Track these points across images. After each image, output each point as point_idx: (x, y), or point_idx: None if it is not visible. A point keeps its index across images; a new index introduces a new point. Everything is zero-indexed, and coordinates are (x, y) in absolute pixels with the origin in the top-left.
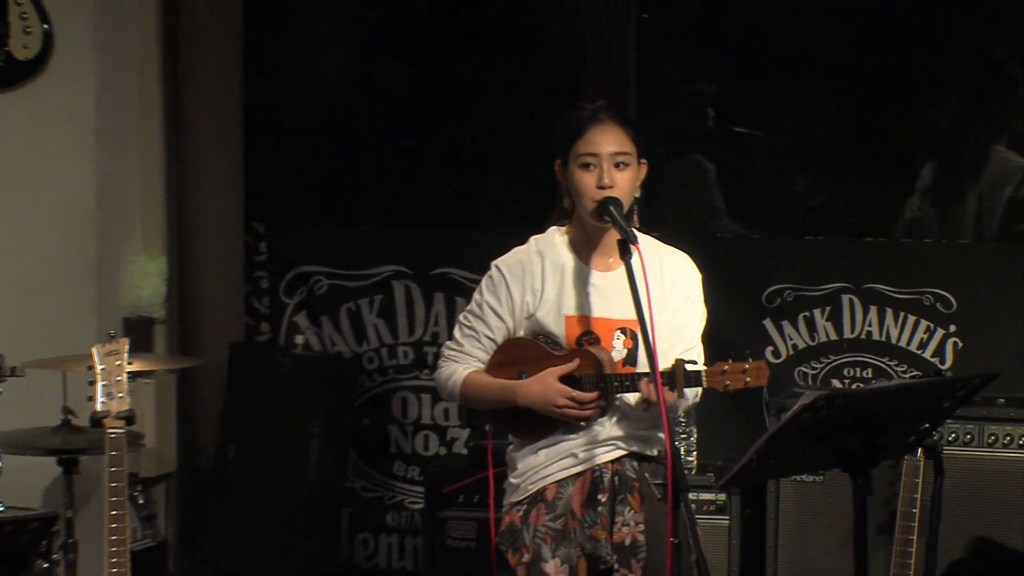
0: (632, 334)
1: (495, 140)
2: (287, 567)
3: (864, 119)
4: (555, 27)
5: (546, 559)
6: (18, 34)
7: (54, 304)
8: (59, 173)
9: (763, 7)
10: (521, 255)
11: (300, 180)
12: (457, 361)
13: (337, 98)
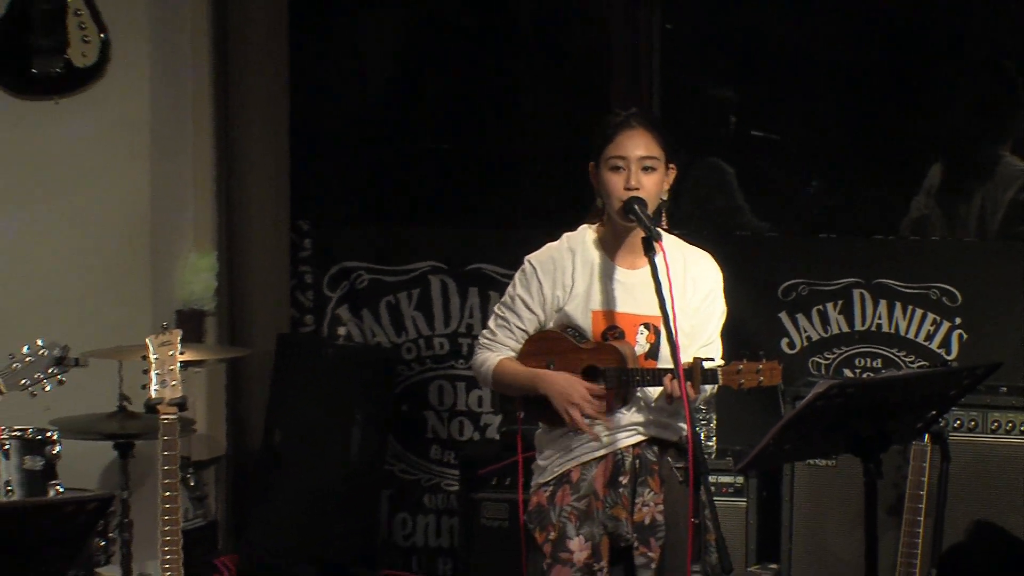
0: (655, 329)
1: (527, 143)
2: (330, 545)
3: (874, 123)
4: (583, 37)
5: (571, 537)
6: (77, 43)
7: (111, 297)
8: (116, 175)
9: (779, 18)
10: (553, 251)
11: (343, 180)
12: (491, 349)
13: (378, 103)
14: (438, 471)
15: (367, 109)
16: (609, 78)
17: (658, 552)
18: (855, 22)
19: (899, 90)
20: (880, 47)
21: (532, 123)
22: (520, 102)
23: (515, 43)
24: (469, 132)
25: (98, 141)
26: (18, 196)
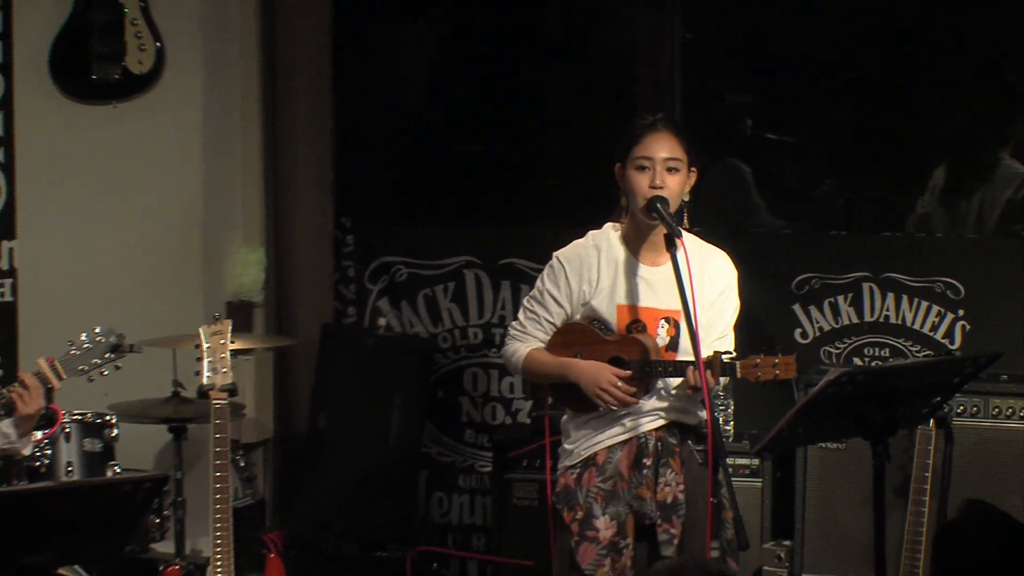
0: (674, 323)
1: (555, 146)
2: (370, 522)
3: (882, 127)
4: (610, 46)
5: (597, 516)
6: (134, 51)
7: (166, 290)
8: (170, 174)
9: (793, 27)
10: (579, 248)
11: (383, 180)
12: (520, 340)
13: (416, 107)
14: (472, 453)
15: (406, 113)
16: (633, 84)
17: (679, 529)
18: (865, 31)
19: (906, 95)
20: (888, 55)
21: (560, 127)
22: (549, 107)
23: (545, 51)
24: (501, 135)
25: (153, 143)
26: (78, 194)
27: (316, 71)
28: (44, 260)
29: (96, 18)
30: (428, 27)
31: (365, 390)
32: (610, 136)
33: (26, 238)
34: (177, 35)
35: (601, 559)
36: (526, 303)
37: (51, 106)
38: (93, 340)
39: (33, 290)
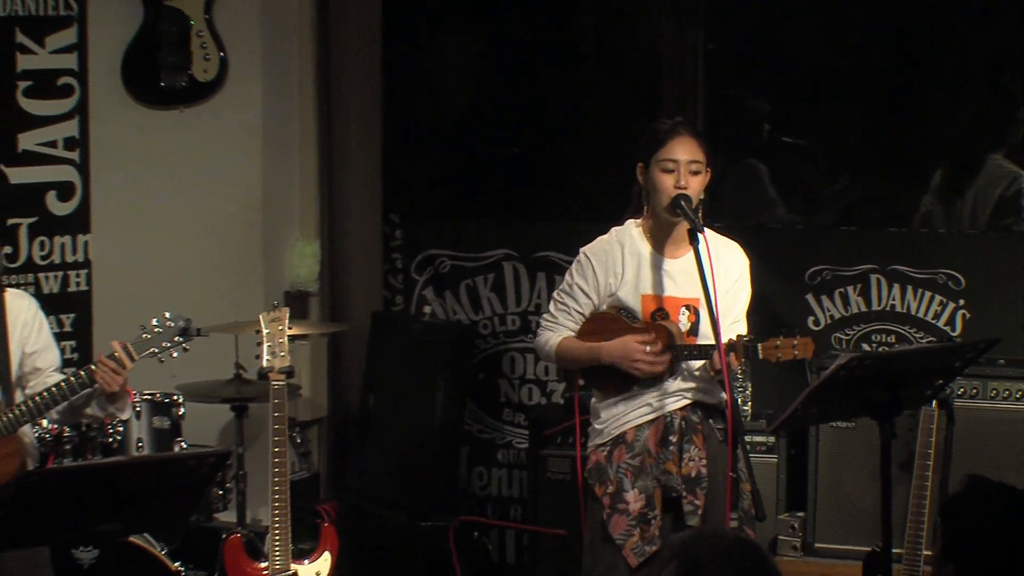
0: (694, 310)
1: (587, 147)
2: (416, 494)
3: (889, 130)
4: (638, 56)
5: (627, 490)
6: (199, 60)
7: (229, 280)
8: (232, 173)
9: (807, 39)
10: (604, 244)
11: (429, 179)
12: (552, 330)
13: (459, 112)
14: (510, 431)
15: (450, 117)
16: (659, 90)
17: (703, 500)
18: (873, 43)
19: (910, 101)
20: (894, 65)
21: (592, 130)
22: (582, 112)
23: (578, 61)
24: (538, 138)
25: (217, 145)
26: (148, 192)
27: (367, 78)
28: (116, 252)
29: (165, 30)
30: (471, 38)
31: (412, 373)
32: (637, 139)
33: (100, 232)
34: (239, 46)
35: (631, 529)
36: (556, 296)
37: (123, 111)
38: (163, 325)
39: (106, 280)
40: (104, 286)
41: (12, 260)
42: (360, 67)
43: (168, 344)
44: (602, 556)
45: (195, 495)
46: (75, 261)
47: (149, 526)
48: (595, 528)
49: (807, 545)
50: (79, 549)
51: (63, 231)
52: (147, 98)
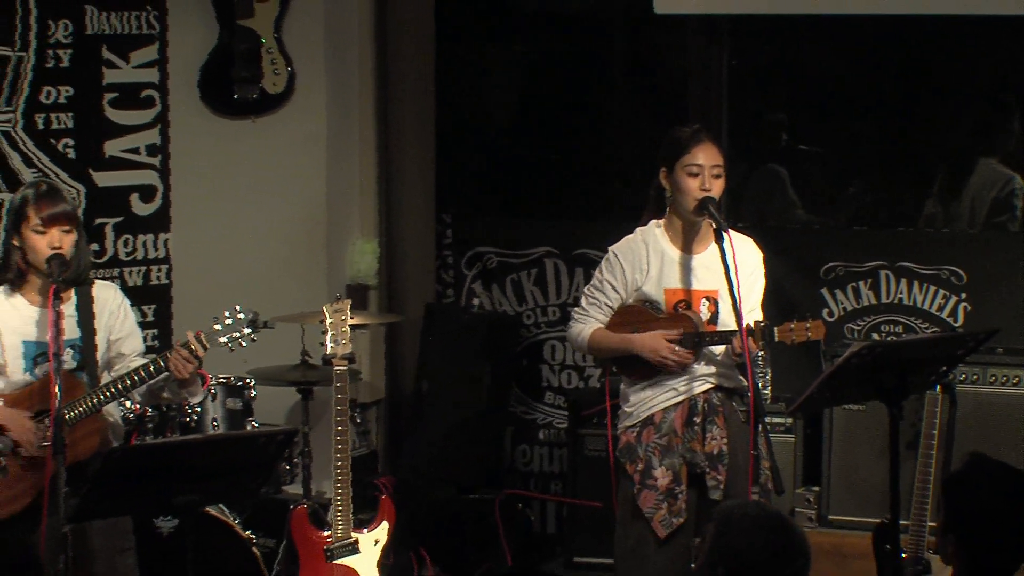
0: (714, 301)
1: (622, 153)
2: (465, 469)
3: (897, 138)
4: (666, 70)
5: (655, 467)
6: (269, 74)
7: (295, 274)
8: (299, 178)
9: (822, 56)
10: (630, 243)
11: (478, 182)
12: (583, 322)
13: (506, 120)
14: (551, 412)
15: (497, 124)
16: (686, 102)
17: (725, 476)
18: (883, 60)
19: (917, 113)
20: (902, 80)
21: (625, 138)
22: (616, 121)
23: (613, 73)
24: (577, 144)
25: (285, 151)
26: (222, 194)
27: (421, 91)
28: (194, 249)
29: (238, 47)
30: (516, 53)
31: (461, 359)
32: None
33: (179, 231)
34: (305, 61)
35: (659, 503)
36: (587, 291)
37: (200, 121)
38: (233, 317)
39: (184, 274)
40: (182, 280)
41: (99, 256)
42: (415, 80)
43: (237, 334)
44: (633, 529)
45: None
46: (156, 257)
47: (223, 498)
48: (626, 503)
49: (821, 517)
50: (160, 519)
51: (145, 230)
52: (222, 109)
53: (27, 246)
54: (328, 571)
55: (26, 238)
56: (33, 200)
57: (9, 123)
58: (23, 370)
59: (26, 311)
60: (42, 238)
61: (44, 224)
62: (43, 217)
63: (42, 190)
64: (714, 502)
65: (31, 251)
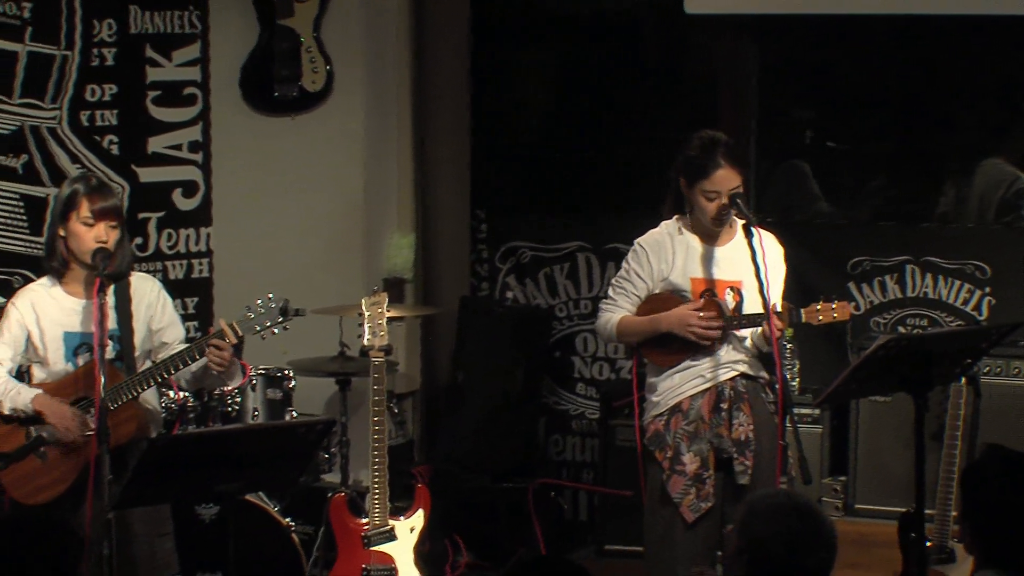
0: (738, 291)
1: (652, 151)
2: (499, 459)
3: (922, 137)
4: (697, 69)
5: (684, 453)
6: (308, 72)
7: (334, 268)
8: (337, 174)
9: (848, 58)
10: (656, 235)
11: (512, 179)
12: (611, 311)
13: (539, 118)
14: (583, 403)
15: (531, 123)
16: (716, 100)
17: (751, 461)
18: (908, 61)
19: (942, 111)
20: (925, 82)
21: (656, 136)
22: (647, 119)
23: (644, 73)
24: (609, 141)
25: (324, 148)
26: (263, 190)
27: (457, 89)
28: (235, 243)
29: (278, 46)
30: (549, 52)
31: (495, 351)
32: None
33: (220, 225)
34: (344, 59)
35: (688, 488)
36: (614, 282)
37: (240, 118)
38: (266, 305)
39: (225, 268)
40: (223, 273)
41: (142, 250)
42: (451, 79)
43: (269, 322)
44: (662, 514)
45: (304, 458)
46: (198, 251)
47: (263, 486)
48: (655, 490)
49: (848, 506)
50: (201, 506)
51: (187, 224)
52: (262, 107)
53: (73, 237)
54: (365, 558)
55: (73, 229)
56: (85, 193)
57: (55, 120)
58: (64, 360)
59: (66, 302)
60: (89, 231)
61: (94, 217)
62: (94, 210)
63: (93, 184)
64: (741, 487)
65: (76, 242)
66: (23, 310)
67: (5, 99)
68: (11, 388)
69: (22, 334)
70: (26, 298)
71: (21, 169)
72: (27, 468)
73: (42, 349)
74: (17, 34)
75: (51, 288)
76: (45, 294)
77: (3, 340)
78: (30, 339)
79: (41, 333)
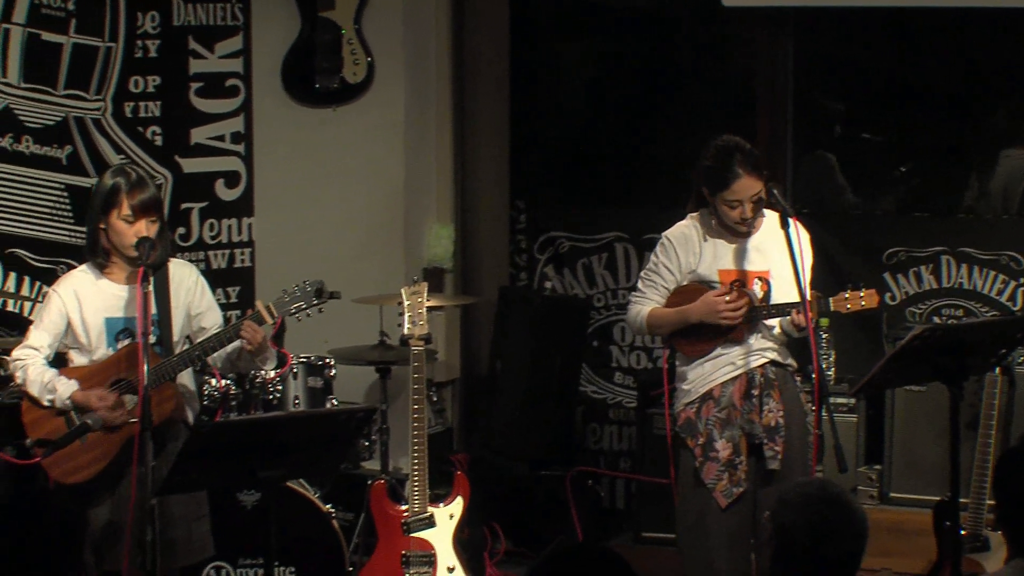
0: (766, 281)
1: (689, 143)
2: (537, 446)
3: (956, 130)
4: (733, 62)
5: (716, 439)
6: (349, 64)
7: (374, 258)
8: (378, 165)
9: (883, 49)
10: (683, 228)
11: (550, 170)
12: (641, 304)
13: (577, 111)
14: (620, 392)
15: (569, 115)
16: (754, 97)
17: (782, 446)
18: (942, 49)
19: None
20: (961, 73)
21: (693, 127)
22: (684, 112)
23: (681, 65)
24: (646, 133)
25: (365, 139)
26: (304, 180)
27: (496, 81)
28: (276, 233)
29: (319, 38)
30: (588, 45)
31: (533, 340)
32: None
33: (262, 215)
34: (384, 52)
35: (721, 474)
36: (643, 275)
37: (282, 110)
38: (301, 288)
39: (267, 257)
40: (265, 263)
41: (185, 240)
42: (490, 71)
43: (304, 304)
44: (694, 501)
45: (345, 446)
46: (240, 241)
47: (304, 472)
48: (687, 477)
49: (883, 494)
50: (243, 492)
51: (230, 214)
52: (303, 98)
53: (114, 232)
54: (405, 544)
55: (114, 225)
56: (126, 189)
57: (99, 111)
58: (106, 346)
59: (108, 289)
60: (130, 227)
61: (134, 215)
62: (134, 207)
63: (133, 180)
64: (771, 472)
65: (117, 236)
66: (65, 298)
67: (50, 90)
68: (48, 381)
69: (62, 321)
70: (68, 285)
71: (66, 160)
72: (67, 448)
73: (84, 336)
74: (62, 26)
75: (93, 275)
76: (87, 281)
77: (42, 327)
78: (71, 326)
79: (83, 320)
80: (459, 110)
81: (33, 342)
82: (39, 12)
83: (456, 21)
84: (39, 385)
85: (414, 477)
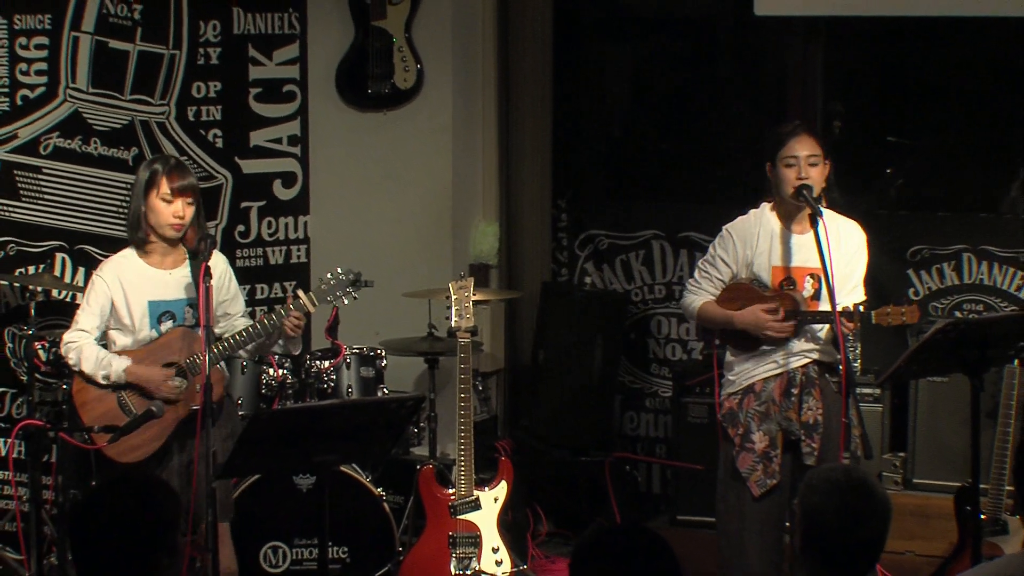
0: (818, 278)
1: (726, 143)
2: (577, 434)
3: (980, 131)
4: (766, 66)
5: (754, 431)
6: (400, 71)
7: (423, 254)
8: (427, 165)
9: (910, 54)
10: (744, 221)
11: (591, 170)
12: (696, 294)
13: (617, 112)
14: (657, 382)
15: (609, 116)
16: (785, 96)
17: (819, 443)
18: (970, 55)
19: (998, 108)
20: (984, 79)
21: (729, 129)
22: (721, 113)
23: (717, 69)
24: (684, 134)
25: (414, 142)
26: (357, 181)
27: (540, 85)
28: (330, 231)
29: (372, 46)
30: (628, 49)
31: (575, 333)
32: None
33: (317, 214)
34: (434, 58)
35: (755, 465)
36: (701, 264)
37: (336, 114)
38: (337, 277)
39: (322, 254)
40: (320, 259)
41: (244, 237)
42: (534, 77)
43: (340, 292)
44: (732, 487)
45: (395, 432)
46: (296, 238)
47: (357, 458)
48: (726, 464)
49: (907, 480)
50: (299, 476)
51: (286, 213)
52: (357, 103)
53: (152, 212)
54: (452, 526)
55: (152, 204)
56: (165, 172)
57: (163, 115)
58: (148, 327)
59: (149, 273)
60: (168, 207)
61: (172, 194)
62: (172, 188)
63: (172, 164)
64: (808, 467)
65: (155, 216)
66: (110, 282)
67: (117, 95)
68: (103, 358)
69: (107, 304)
70: (112, 270)
71: (132, 161)
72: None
73: (127, 318)
74: (128, 35)
75: (134, 260)
76: (129, 266)
77: (90, 310)
78: (115, 308)
79: (127, 303)
80: (504, 114)
81: (83, 325)
82: (107, 21)
83: (502, 29)
84: (94, 362)
85: (460, 462)
